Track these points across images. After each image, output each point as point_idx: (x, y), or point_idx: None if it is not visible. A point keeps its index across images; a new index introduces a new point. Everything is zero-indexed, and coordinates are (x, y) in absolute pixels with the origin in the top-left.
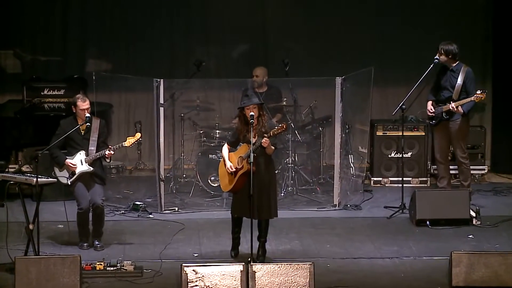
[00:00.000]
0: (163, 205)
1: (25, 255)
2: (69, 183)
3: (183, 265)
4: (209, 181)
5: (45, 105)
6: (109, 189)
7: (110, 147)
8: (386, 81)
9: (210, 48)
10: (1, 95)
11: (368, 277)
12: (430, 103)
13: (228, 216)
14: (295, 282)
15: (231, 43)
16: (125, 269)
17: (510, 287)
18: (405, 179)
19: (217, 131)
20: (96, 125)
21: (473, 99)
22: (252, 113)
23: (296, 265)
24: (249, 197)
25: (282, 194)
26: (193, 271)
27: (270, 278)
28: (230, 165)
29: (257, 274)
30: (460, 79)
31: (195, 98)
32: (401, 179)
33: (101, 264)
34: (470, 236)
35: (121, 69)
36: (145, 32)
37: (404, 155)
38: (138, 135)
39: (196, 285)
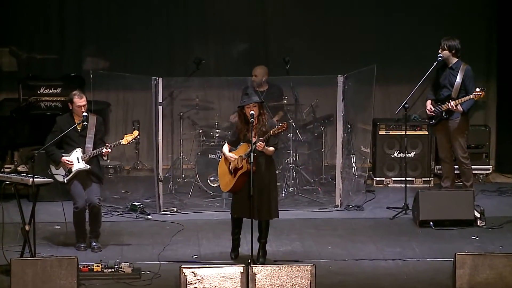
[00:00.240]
0: (161, 205)
1: (21, 256)
2: (66, 181)
3: (182, 266)
4: (209, 181)
5: (42, 104)
6: (107, 190)
7: (107, 144)
8: (388, 79)
9: (209, 46)
10: None
11: (370, 279)
12: (429, 102)
13: (228, 217)
14: (296, 284)
15: (231, 41)
16: (123, 271)
17: None
18: (408, 179)
19: (217, 131)
20: (93, 122)
21: (472, 97)
22: (252, 112)
23: (297, 267)
24: (249, 198)
25: (283, 194)
26: (192, 273)
27: (270, 280)
28: (232, 155)
29: (258, 276)
30: (459, 77)
31: (194, 96)
32: (404, 179)
33: (98, 265)
34: (474, 237)
35: (119, 67)
36: (143, 29)
37: (407, 155)
38: (135, 133)
39: (195, 287)
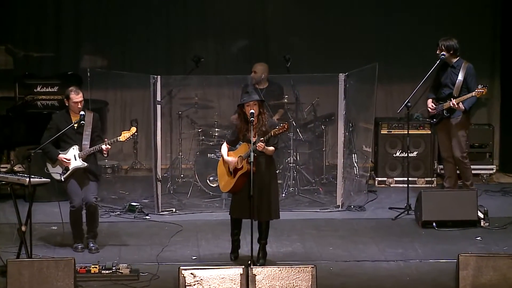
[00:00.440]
0: (160, 206)
1: (18, 257)
2: (63, 179)
3: (181, 268)
4: (208, 181)
5: (38, 103)
6: (104, 190)
7: (106, 141)
8: (390, 77)
9: (209, 43)
10: None
11: (372, 281)
12: (430, 101)
13: (227, 217)
14: (296, 285)
15: (230, 38)
16: (121, 272)
17: None
18: (410, 179)
19: (216, 130)
20: (89, 119)
21: (474, 94)
22: (252, 111)
23: (297, 268)
24: (249, 198)
25: (283, 194)
26: (191, 274)
27: (270, 281)
28: (231, 159)
29: (258, 277)
30: (460, 75)
31: (193, 95)
32: (406, 179)
33: (96, 267)
34: (478, 238)
35: (117, 66)
36: (141, 27)
37: (409, 154)
38: (133, 129)
39: None
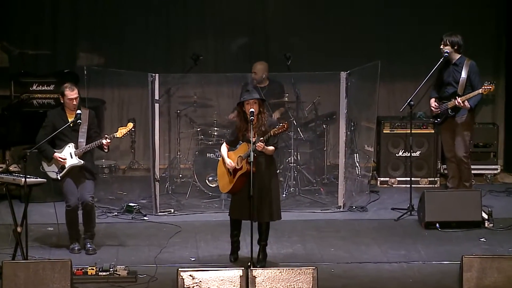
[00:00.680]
0: (158, 206)
1: (13, 259)
2: (59, 178)
3: (180, 270)
4: (207, 181)
5: (34, 101)
6: (101, 190)
7: (106, 136)
8: (393, 76)
9: (208, 41)
10: None
11: (374, 283)
12: (433, 101)
13: (227, 218)
14: (297, 287)
15: (230, 35)
16: (118, 274)
17: None
18: (413, 179)
19: (215, 129)
20: (85, 116)
21: (481, 91)
22: (252, 110)
23: (298, 270)
24: (249, 199)
25: (284, 195)
26: (190, 276)
27: (271, 283)
28: (229, 161)
29: (258, 279)
30: (464, 73)
31: (192, 93)
32: (409, 179)
33: (93, 268)
34: (482, 239)
35: (114, 63)
36: (139, 24)
37: (412, 154)
38: (130, 125)
39: None
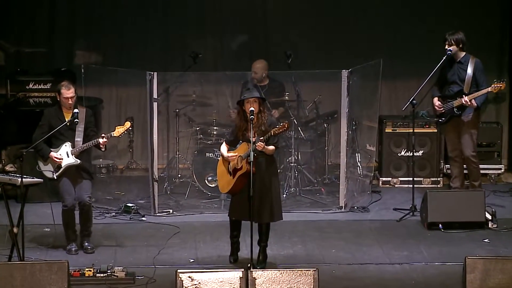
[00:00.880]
0: (156, 207)
1: (9, 260)
2: (55, 177)
3: (178, 271)
4: (206, 181)
5: (31, 100)
6: (99, 190)
7: (103, 135)
8: (395, 74)
9: (207, 38)
10: None
11: (376, 284)
12: (436, 100)
13: (226, 219)
14: None
15: (229, 33)
16: (116, 276)
17: None
18: (416, 179)
19: (215, 128)
20: (82, 115)
21: (490, 89)
22: (252, 108)
23: (299, 271)
24: (249, 199)
25: (284, 195)
26: (189, 277)
27: (271, 285)
28: (230, 154)
29: (258, 281)
30: (469, 71)
31: (191, 92)
32: (411, 179)
33: (90, 270)
34: (485, 240)
35: (112, 62)
36: (137, 21)
37: (414, 154)
38: (127, 124)
39: None
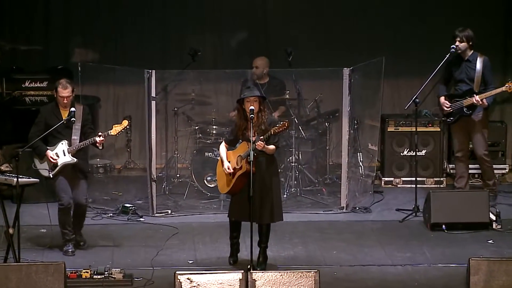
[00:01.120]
0: (155, 207)
1: (5, 262)
2: (51, 176)
3: (177, 273)
4: (205, 181)
5: (26, 99)
6: (96, 190)
7: (99, 133)
8: (398, 72)
9: (206, 36)
10: None
11: (378, 286)
12: (443, 99)
13: (226, 219)
14: None
15: (229, 30)
16: (114, 277)
17: None
18: (418, 179)
19: (214, 127)
20: (79, 112)
21: (505, 89)
22: (252, 107)
23: (299, 273)
24: (249, 199)
25: (285, 195)
26: (188, 279)
27: (271, 287)
28: (227, 166)
29: (258, 282)
30: (478, 69)
31: (190, 90)
32: (414, 179)
33: (87, 271)
34: (489, 241)
35: (109, 59)
36: (135, 18)
37: (417, 153)
38: (125, 123)
39: None
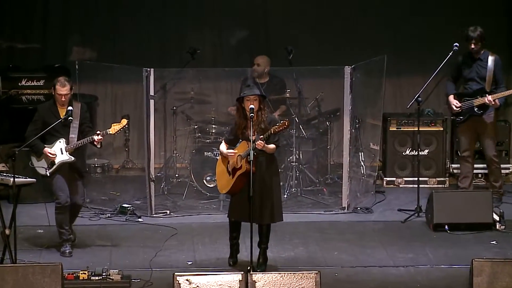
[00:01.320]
0: (153, 208)
1: (1, 263)
2: (48, 174)
3: (176, 274)
4: (205, 181)
5: (23, 97)
6: (94, 190)
7: (98, 132)
8: (400, 70)
9: (205, 34)
10: None
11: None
12: (453, 97)
13: (225, 220)
14: None
15: (229, 28)
16: (111, 279)
17: None
18: (421, 179)
19: (213, 126)
20: (77, 110)
21: None
22: (252, 106)
23: (300, 274)
24: (249, 199)
25: (285, 195)
26: (187, 280)
27: None
28: (231, 151)
29: (258, 284)
30: (490, 68)
31: (189, 89)
32: (416, 179)
33: (84, 273)
34: (493, 242)
35: (107, 58)
36: (133, 16)
37: (420, 153)
38: (124, 121)
39: None
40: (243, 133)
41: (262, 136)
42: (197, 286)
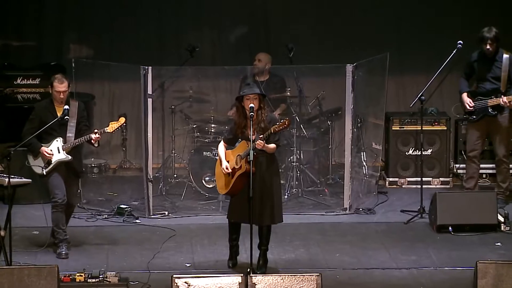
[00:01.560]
0: (151, 208)
1: None
2: (44, 173)
3: (174, 276)
4: (203, 181)
5: (19, 96)
6: (91, 191)
7: (95, 130)
8: (403, 68)
9: (204, 31)
10: None
11: None
12: (466, 95)
13: (225, 221)
14: None
15: (228, 25)
16: (109, 281)
17: None
18: (424, 179)
19: (212, 126)
20: (74, 109)
21: None
22: (252, 105)
23: (301, 277)
24: (249, 200)
25: (286, 196)
26: (185, 283)
27: None
28: (226, 166)
29: (258, 286)
30: (504, 68)
31: (188, 88)
32: (419, 179)
33: (81, 275)
34: (497, 243)
35: (104, 55)
36: (131, 13)
37: (423, 152)
38: (122, 120)
39: None
40: (243, 133)
41: (262, 135)
42: None
